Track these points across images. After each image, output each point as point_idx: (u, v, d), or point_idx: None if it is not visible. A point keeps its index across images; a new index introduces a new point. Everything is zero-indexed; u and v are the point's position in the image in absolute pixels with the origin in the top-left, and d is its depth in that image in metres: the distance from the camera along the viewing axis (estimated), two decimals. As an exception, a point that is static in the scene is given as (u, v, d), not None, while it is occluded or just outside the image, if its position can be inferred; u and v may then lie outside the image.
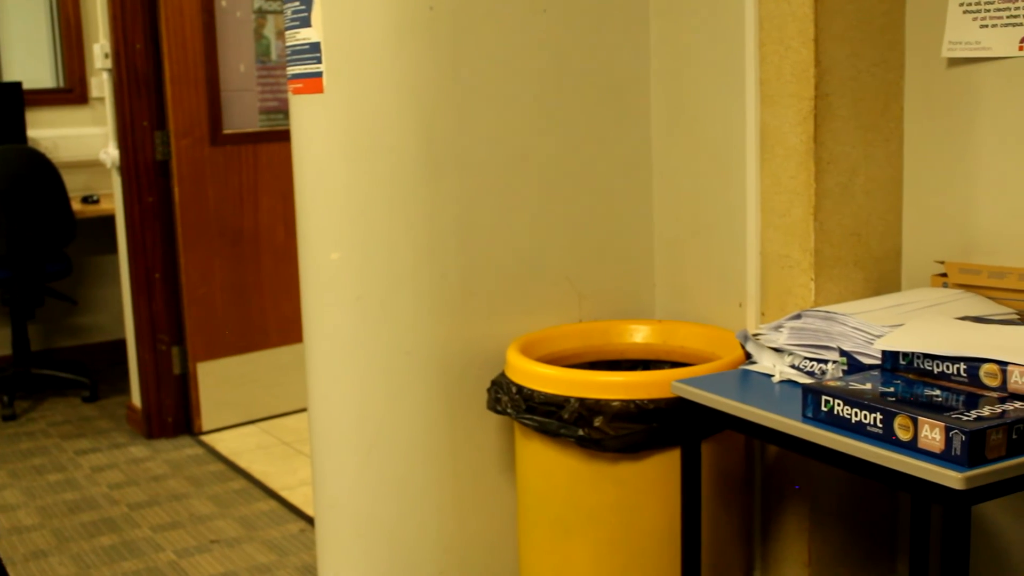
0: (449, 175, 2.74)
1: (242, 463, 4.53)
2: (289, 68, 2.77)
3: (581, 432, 2.46)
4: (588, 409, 2.46)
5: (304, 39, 2.69)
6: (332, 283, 2.75)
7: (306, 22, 2.67)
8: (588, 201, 2.96)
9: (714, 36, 2.82)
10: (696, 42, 2.88)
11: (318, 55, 2.66)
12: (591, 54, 2.92)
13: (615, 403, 2.44)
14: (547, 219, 2.90)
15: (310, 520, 3.85)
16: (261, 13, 4.98)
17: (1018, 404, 1.89)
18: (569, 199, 2.93)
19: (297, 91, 2.74)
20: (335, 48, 2.65)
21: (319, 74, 2.67)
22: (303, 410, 4.72)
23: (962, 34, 2.53)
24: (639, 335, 2.95)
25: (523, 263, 2.87)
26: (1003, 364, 1.95)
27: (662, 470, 2.51)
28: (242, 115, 4.97)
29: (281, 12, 4.76)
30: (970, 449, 1.77)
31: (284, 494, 4.18)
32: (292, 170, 2.82)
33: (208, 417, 4.95)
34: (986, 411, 1.86)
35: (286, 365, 5.04)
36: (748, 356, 2.49)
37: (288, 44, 2.76)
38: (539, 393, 2.53)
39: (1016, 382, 1.94)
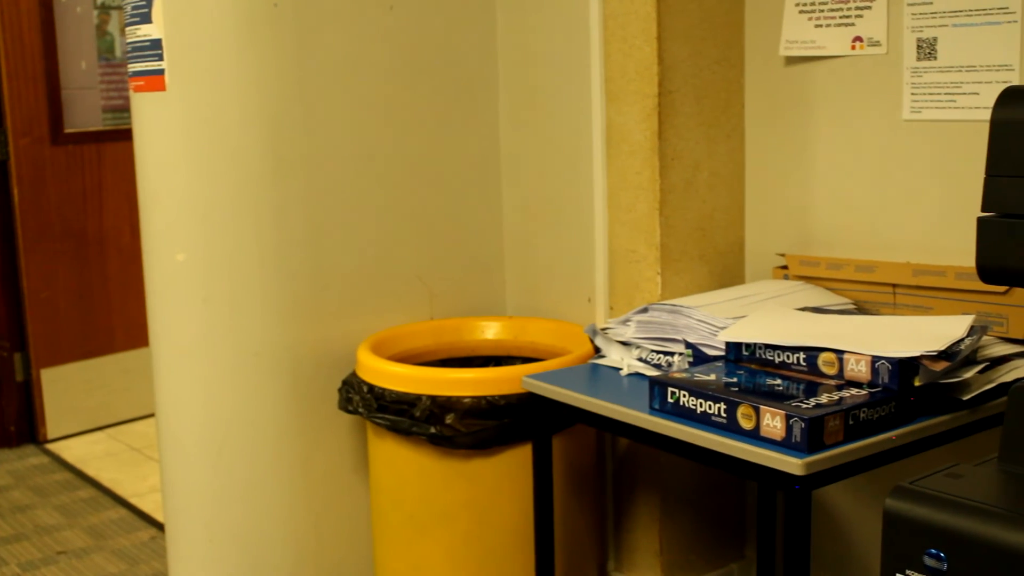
0: (296, 174, 2.71)
1: (90, 471, 4.41)
2: (130, 65, 2.70)
3: (433, 430, 2.46)
4: (439, 406, 2.46)
5: (145, 35, 2.63)
6: (178, 285, 2.69)
7: (146, 18, 2.61)
8: (438, 199, 2.96)
9: (560, 34, 2.84)
10: (542, 40, 2.91)
11: (159, 52, 2.60)
12: (439, 52, 2.92)
13: (466, 400, 2.45)
14: (397, 218, 2.89)
15: (161, 527, 3.76)
16: (104, 9, 4.85)
17: (855, 391, 1.95)
18: (419, 197, 2.92)
19: (138, 89, 2.68)
20: (176, 45, 2.60)
21: (161, 71, 2.61)
22: (152, 415, 4.61)
23: (798, 33, 2.60)
24: (490, 332, 2.96)
25: (373, 262, 2.86)
26: (840, 353, 2.01)
27: (514, 465, 2.52)
28: (85, 114, 4.83)
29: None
30: (809, 436, 1.82)
31: (134, 501, 4.08)
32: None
33: (53, 424, 4.80)
34: (824, 399, 1.92)
35: (134, 369, 4.92)
36: (597, 350, 2.52)
37: (129, 41, 2.70)
38: (390, 392, 2.52)
39: (852, 370, 2.00)
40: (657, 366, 2.33)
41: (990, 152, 1.54)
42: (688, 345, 2.28)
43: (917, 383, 1.94)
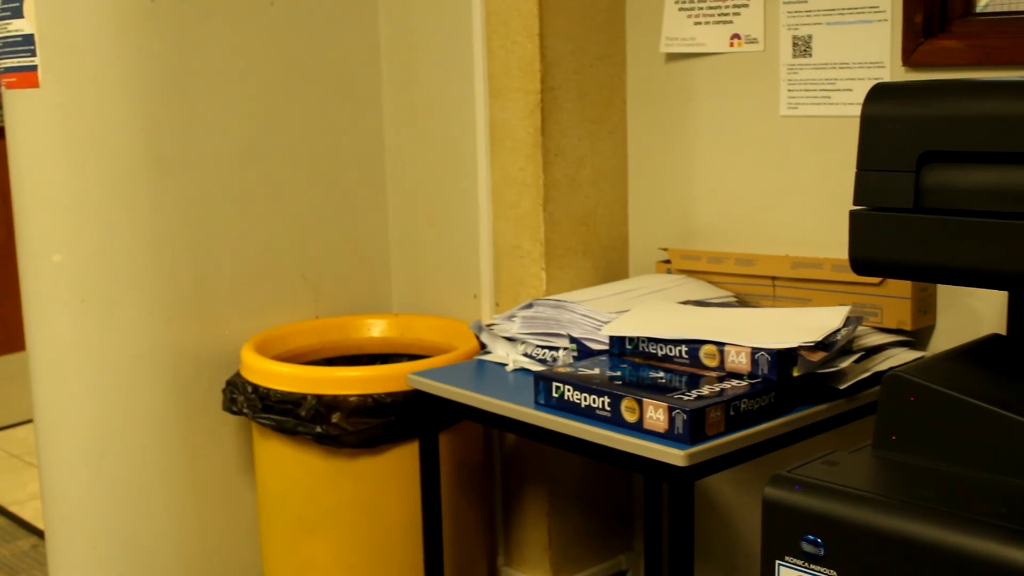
0: (176, 173, 2.66)
1: (-34, 479, 4.30)
2: (1, 61, 2.63)
3: (319, 429, 2.44)
4: (325, 405, 2.44)
5: (17, 31, 2.56)
6: (55, 286, 2.63)
7: (18, 12, 2.55)
8: (322, 197, 2.93)
9: (443, 31, 2.84)
10: (425, 37, 2.90)
11: (32, 48, 2.54)
12: (321, 48, 2.90)
13: (352, 398, 2.44)
14: (280, 216, 2.86)
15: (42, 535, 3.68)
16: (-26, 4, 4.72)
17: (735, 382, 1.99)
18: (303, 196, 2.90)
19: (11, 85, 2.61)
20: (50, 40, 2.53)
21: (34, 68, 2.55)
22: (31, 420, 4.51)
23: (678, 30, 2.63)
24: (376, 329, 2.95)
25: (257, 261, 2.82)
26: (721, 345, 2.05)
27: (401, 463, 2.51)
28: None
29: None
30: (691, 427, 1.85)
31: (13, 509, 3.98)
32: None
33: (-73, 432, 4.67)
34: (706, 390, 1.95)
35: (10, 374, 4.80)
36: (483, 346, 2.52)
37: (0, 36, 2.63)
38: (275, 392, 2.49)
39: (733, 361, 2.03)
40: (542, 361, 2.35)
41: (860, 147, 1.58)
42: (572, 340, 2.30)
43: (795, 373, 1.98)
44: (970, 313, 2.25)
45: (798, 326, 2.07)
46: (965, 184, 1.48)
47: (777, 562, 1.51)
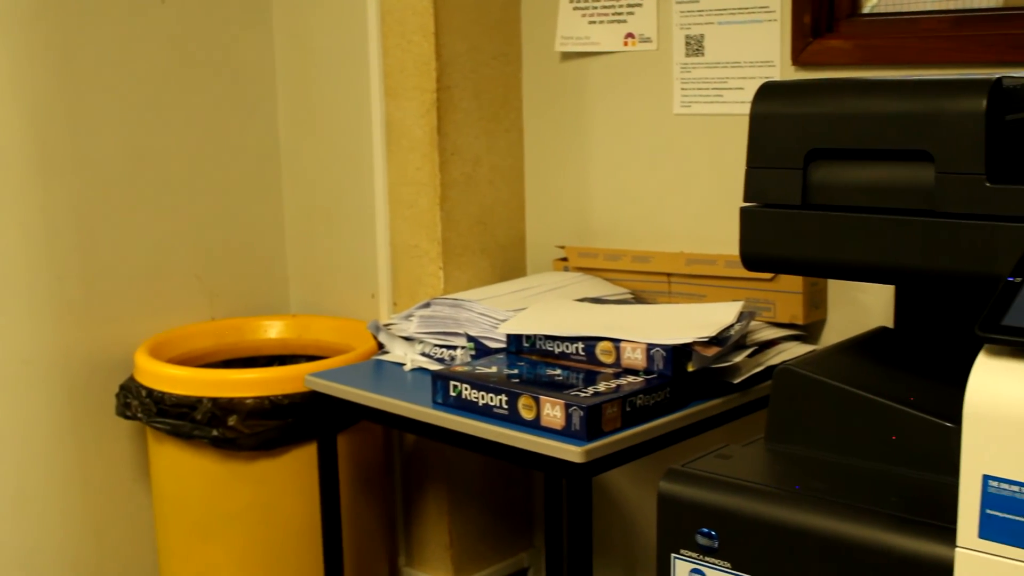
0: (64, 174, 2.61)
1: None
2: None
3: (215, 432, 2.41)
4: (221, 408, 2.41)
5: None
6: (-61, 291, 2.57)
7: None
8: (216, 198, 2.90)
9: (338, 30, 2.83)
10: (320, 36, 2.88)
11: (-88, 46, 2.47)
12: (214, 47, 2.86)
13: (249, 401, 2.41)
14: (173, 217, 2.82)
15: (-71, 546, 3.57)
16: None
17: (631, 378, 2.00)
18: (196, 195, 2.86)
19: None
20: (-70, 38, 2.47)
21: (-86, 67, 2.48)
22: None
23: (573, 29, 2.65)
24: (273, 331, 2.92)
25: (149, 263, 2.78)
26: (617, 341, 2.06)
27: (300, 465, 2.49)
28: None
29: None
30: (588, 424, 1.86)
31: (-101, 521, 3.86)
32: None
33: None
34: (602, 387, 1.96)
35: None
36: (381, 346, 2.51)
37: None
38: (170, 395, 2.45)
39: (629, 358, 2.05)
40: (440, 360, 2.34)
41: (750, 145, 1.60)
42: (470, 338, 2.30)
43: (690, 368, 2.01)
44: (860, 307, 2.30)
45: (693, 322, 2.09)
46: (850, 181, 1.51)
47: (672, 555, 1.52)
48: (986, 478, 1.20)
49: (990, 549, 1.20)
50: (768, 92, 1.60)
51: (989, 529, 1.20)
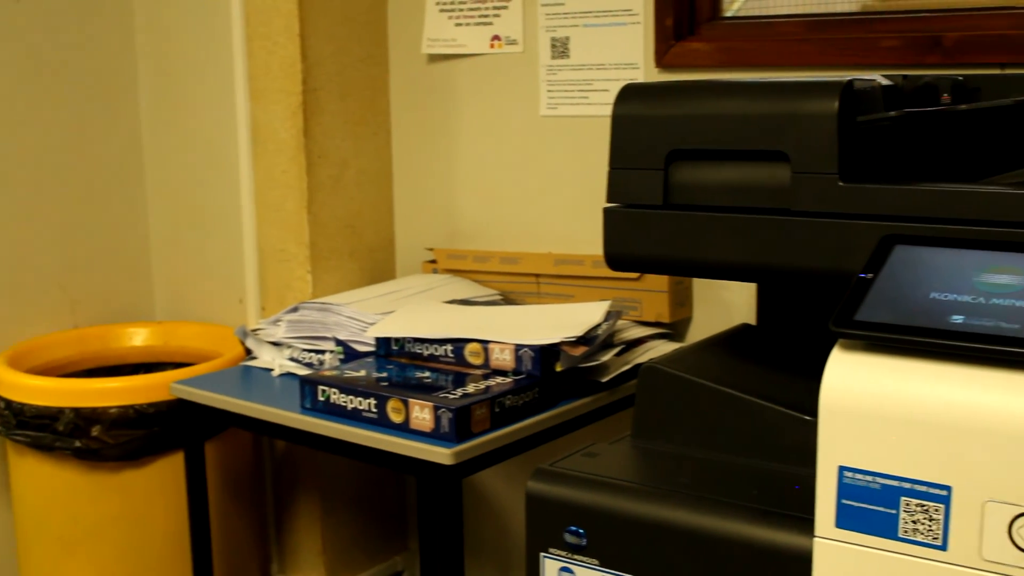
0: (-84, 178, 2.53)
1: None
2: None
3: (78, 443, 2.35)
4: (84, 419, 2.35)
5: None
6: None
7: None
8: (76, 202, 2.83)
9: (201, 31, 2.78)
10: (183, 37, 2.84)
11: None
12: (72, 44, 2.79)
13: (113, 410, 2.36)
14: (31, 223, 2.74)
15: None
16: None
17: (500, 379, 2.01)
18: (55, 199, 2.79)
19: None
20: None
21: None
22: None
23: (439, 32, 2.65)
24: (138, 338, 2.87)
25: (7, 270, 2.70)
26: (485, 343, 2.07)
27: (167, 474, 2.45)
28: None
29: None
30: (457, 425, 1.86)
31: None
32: None
33: None
34: (471, 388, 1.96)
35: None
36: (249, 352, 2.48)
37: None
38: (30, 406, 2.39)
39: (497, 359, 2.05)
40: (309, 365, 2.32)
41: (612, 146, 1.62)
42: (338, 342, 2.28)
43: (558, 368, 2.02)
44: (724, 305, 2.34)
45: (560, 322, 2.11)
46: (710, 181, 1.53)
47: (541, 554, 1.53)
48: (842, 469, 1.23)
49: (846, 538, 1.23)
50: (629, 94, 1.62)
51: (845, 518, 1.23)
